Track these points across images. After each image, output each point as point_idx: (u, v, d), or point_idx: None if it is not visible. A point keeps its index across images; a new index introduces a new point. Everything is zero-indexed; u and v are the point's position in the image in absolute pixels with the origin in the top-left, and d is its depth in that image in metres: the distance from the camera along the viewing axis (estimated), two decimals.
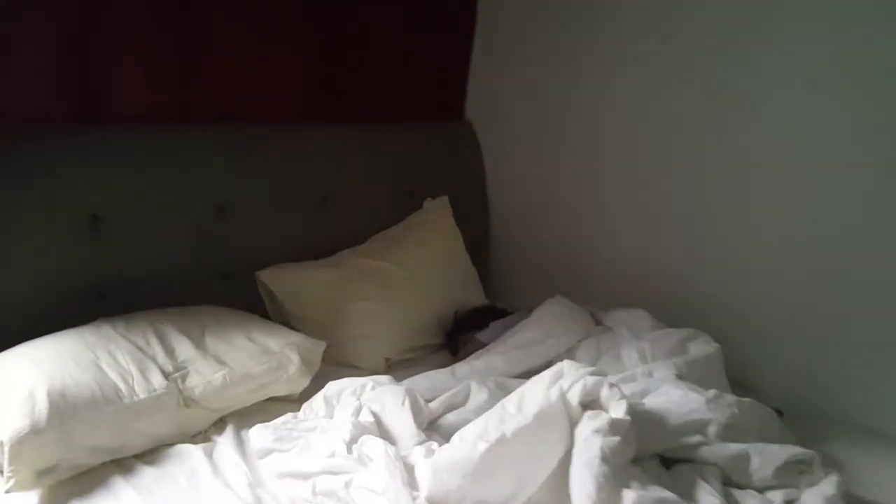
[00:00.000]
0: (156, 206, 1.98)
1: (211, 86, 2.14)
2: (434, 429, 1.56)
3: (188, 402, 1.58)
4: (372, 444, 1.38)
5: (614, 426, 1.30)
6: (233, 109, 2.22)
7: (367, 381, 1.59)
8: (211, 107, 2.17)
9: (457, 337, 2.17)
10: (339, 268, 2.19)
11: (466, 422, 1.58)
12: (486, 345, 2.03)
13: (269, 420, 1.65)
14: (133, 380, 1.53)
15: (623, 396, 1.37)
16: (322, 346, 1.82)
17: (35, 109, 1.84)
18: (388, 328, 2.08)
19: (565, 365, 1.43)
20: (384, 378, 1.63)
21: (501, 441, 1.27)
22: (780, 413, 1.64)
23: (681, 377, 1.62)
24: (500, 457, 1.26)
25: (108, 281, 1.89)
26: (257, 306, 2.18)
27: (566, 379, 1.39)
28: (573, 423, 1.35)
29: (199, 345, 1.71)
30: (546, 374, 1.43)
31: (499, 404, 1.43)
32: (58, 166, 1.81)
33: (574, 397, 1.36)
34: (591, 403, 1.38)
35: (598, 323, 2.06)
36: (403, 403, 1.49)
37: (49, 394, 1.41)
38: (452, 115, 2.87)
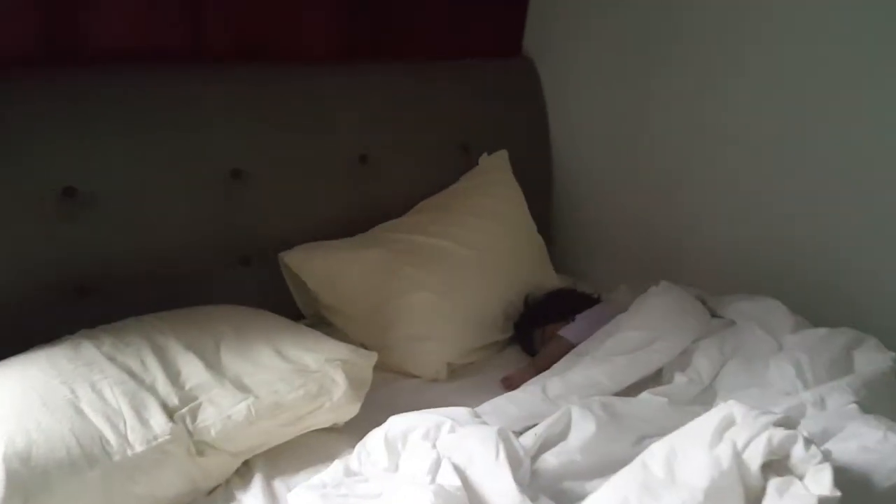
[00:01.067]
0: (150, 173, 1.55)
1: (223, 17, 1.67)
2: (533, 477, 1.15)
3: (201, 447, 1.18)
4: None
5: None
6: (250, 47, 1.76)
7: (442, 418, 1.17)
8: (223, 43, 1.71)
9: (531, 330, 1.75)
10: (384, 246, 1.76)
11: (573, 466, 1.19)
12: (573, 345, 1.61)
13: (307, 464, 1.26)
14: (126, 425, 1.13)
15: (825, 458, 0.94)
16: (373, 358, 1.40)
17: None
18: (450, 325, 1.66)
19: (735, 409, 1.00)
20: (462, 412, 1.21)
21: None
22: None
23: (860, 405, 1.19)
24: None
25: (90, 273, 1.48)
26: (287, 299, 1.77)
27: (741, 430, 0.97)
28: (753, 498, 0.93)
29: (214, 364, 1.29)
30: (708, 423, 1.01)
31: (637, 462, 1.01)
32: (19, 123, 1.38)
33: (754, 459, 0.94)
34: (774, 463, 0.96)
35: (713, 314, 1.63)
36: (498, 455, 1.07)
37: (6, 459, 1.01)
38: (508, 51, 2.38)
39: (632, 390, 1.45)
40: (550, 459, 1.20)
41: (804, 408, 1.19)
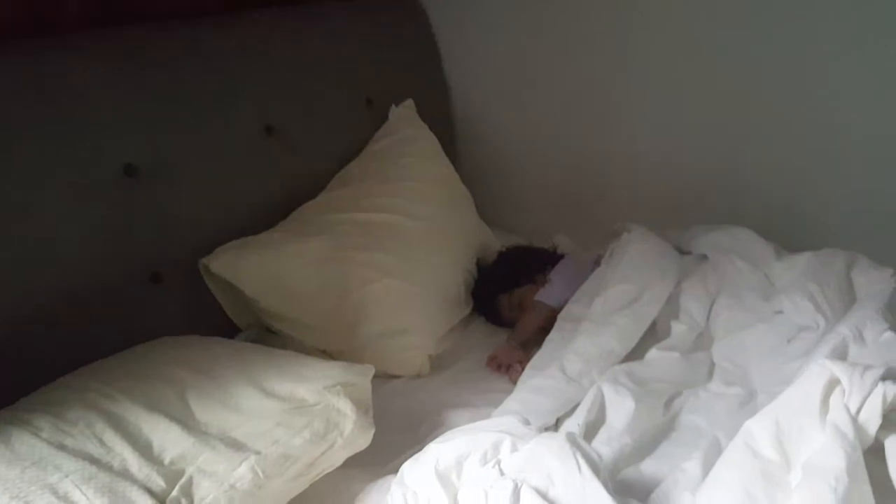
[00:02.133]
0: (16, 179, 1.18)
1: None
2: None
3: None
4: None
5: None
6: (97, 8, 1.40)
7: (496, 434, 1.00)
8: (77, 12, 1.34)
9: (493, 298, 1.61)
10: (323, 232, 1.51)
11: (625, 451, 1.10)
12: (554, 308, 1.49)
13: None
14: None
15: None
16: (370, 371, 1.19)
17: None
18: (422, 311, 1.48)
19: (835, 369, 0.93)
20: (511, 421, 1.05)
21: None
22: None
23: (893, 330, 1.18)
24: None
25: None
26: (214, 315, 1.48)
27: (851, 392, 0.90)
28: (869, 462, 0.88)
29: (188, 422, 1.03)
30: (810, 390, 0.93)
31: (739, 447, 0.92)
32: None
33: (872, 421, 0.89)
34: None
35: (683, 252, 1.58)
36: (580, 469, 0.93)
37: None
38: None
39: (635, 348, 1.37)
40: (603, 450, 1.09)
41: (846, 344, 1.16)
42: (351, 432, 1.09)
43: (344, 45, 1.85)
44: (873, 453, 0.88)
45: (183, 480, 0.96)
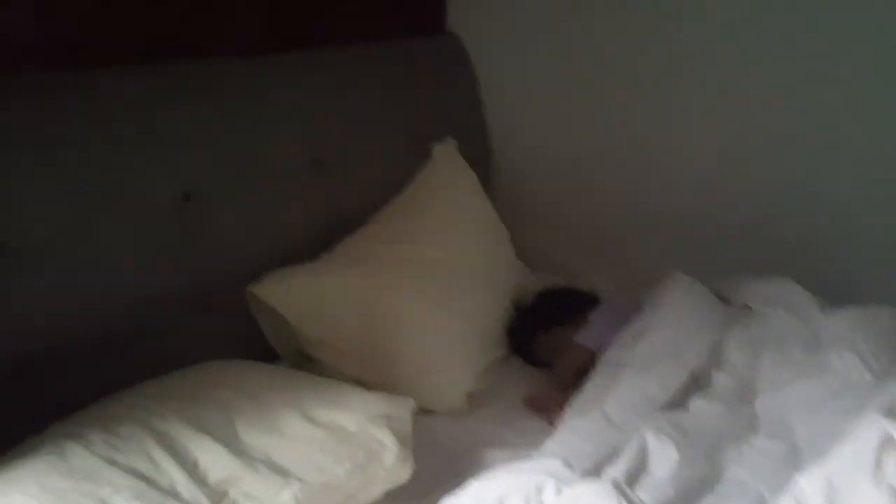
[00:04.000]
0: (78, 208, 1.22)
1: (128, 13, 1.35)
2: None
3: None
4: None
5: None
6: (163, 43, 1.44)
7: (539, 476, 1.00)
8: (131, 41, 1.39)
9: (530, 338, 1.61)
10: (366, 264, 1.53)
11: (669, 503, 1.08)
12: (593, 352, 1.49)
13: None
14: None
15: None
16: (410, 406, 1.20)
17: None
18: (460, 347, 1.48)
19: (889, 426, 0.92)
20: (554, 464, 1.05)
21: None
22: None
23: None
24: None
25: (22, 349, 1.14)
26: (255, 340, 1.50)
27: None
28: None
29: (234, 445, 1.04)
30: (864, 447, 0.92)
31: (789, 499, 0.91)
32: None
33: None
34: None
35: (726, 301, 1.57)
36: None
37: None
38: (431, 29, 2.19)
39: (677, 397, 1.36)
40: (645, 499, 1.08)
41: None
42: (392, 465, 1.09)
43: (389, 84, 1.90)
44: None
45: (226, 502, 0.96)
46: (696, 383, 1.39)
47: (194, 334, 1.39)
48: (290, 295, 1.45)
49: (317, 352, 1.47)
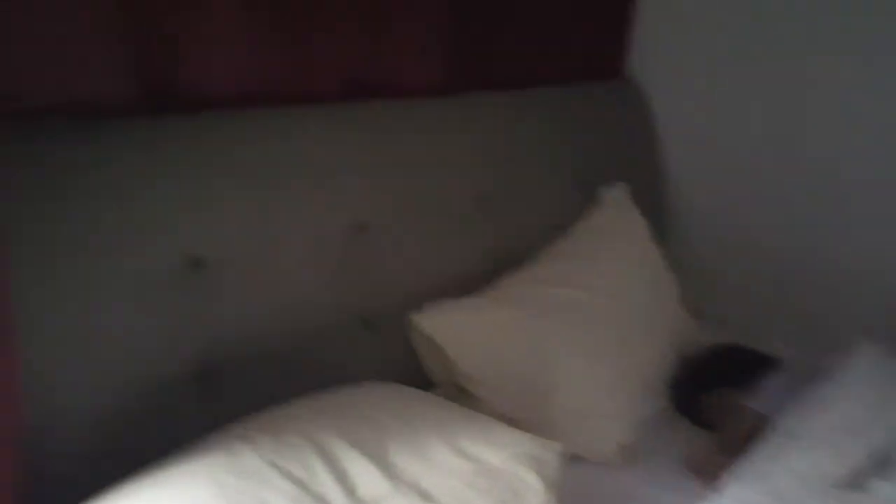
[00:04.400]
0: (270, 234, 1.33)
1: (324, 56, 1.46)
2: None
3: None
4: None
5: None
6: (352, 85, 1.55)
7: None
8: (326, 82, 1.50)
9: (696, 396, 1.53)
10: (526, 303, 1.54)
11: None
12: (765, 418, 1.38)
13: None
14: None
15: None
16: (559, 449, 1.18)
17: (90, 94, 1.15)
18: (617, 396, 1.44)
19: None
20: None
21: None
22: None
23: None
24: None
25: (212, 355, 1.25)
26: (413, 366, 1.55)
27: None
28: None
29: (385, 466, 1.07)
30: None
31: None
32: (136, 183, 1.16)
33: None
34: None
35: None
36: None
37: None
38: (609, 73, 2.19)
39: (852, 476, 1.22)
40: None
41: None
42: None
43: (561, 126, 1.93)
44: None
45: None
46: (877, 464, 1.25)
47: (356, 353, 1.46)
48: (450, 327, 1.48)
49: (471, 385, 1.49)
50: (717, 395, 1.50)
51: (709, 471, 1.32)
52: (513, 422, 1.37)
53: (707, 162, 2.11)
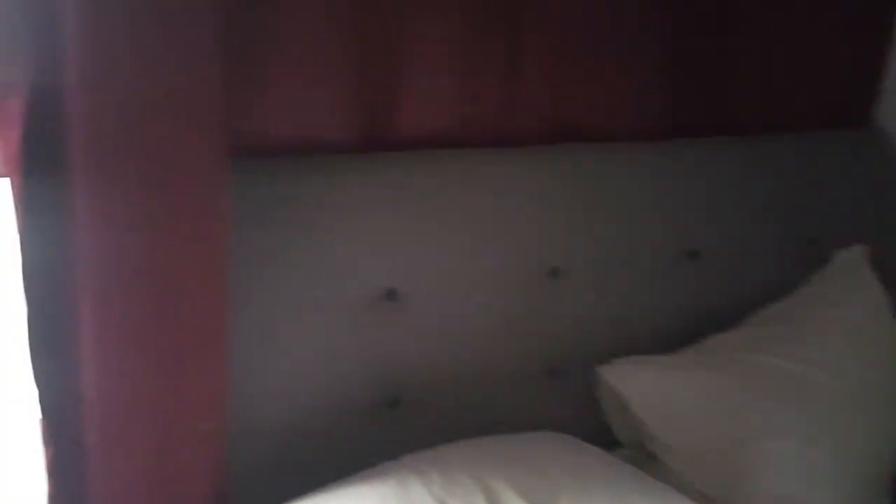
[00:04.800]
0: (465, 270, 1.35)
1: (532, 97, 1.46)
2: None
3: None
4: None
5: None
6: (561, 127, 1.53)
7: None
8: (533, 124, 1.49)
9: None
10: (727, 368, 1.41)
11: None
12: None
13: None
14: None
15: None
16: None
17: (311, 134, 1.26)
18: (828, 485, 1.27)
19: None
20: None
21: None
22: None
23: None
24: None
25: (398, 384, 1.29)
26: (596, 420, 1.49)
27: None
28: None
29: None
30: None
31: None
32: (348, 216, 1.24)
33: None
34: None
35: None
36: None
37: None
38: (851, 121, 1.96)
39: None
40: None
41: None
42: None
43: (791, 177, 1.75)
44: None
45: None
46: None
47: (538, 400, 1.43)
48: (641, 384, 1.40)
49: (659, 450, 1.39)
50: None
51: None
52: (703, 498, 1.27)
53: None
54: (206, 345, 0.96)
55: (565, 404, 1.47)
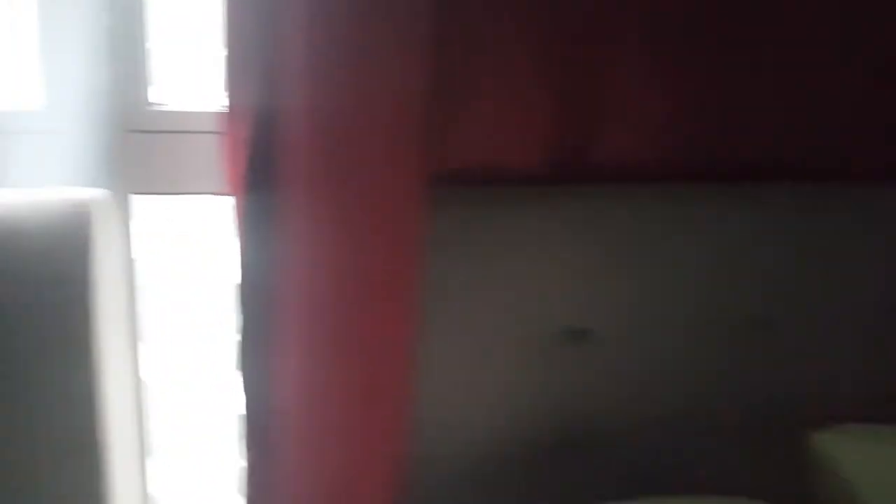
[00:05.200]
0: (653, 312, 1.28)
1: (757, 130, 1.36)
2: None
3: None
4: None
5: None
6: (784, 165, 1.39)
7: None
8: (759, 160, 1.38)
9: None
10: None
11: None
12: None
13: None
14: None
15: None
16: None
17: (504, 163, 1.26)
18: None
19: None
20: None
21: None
22: None
23: None
24: None
25: (578, 425, 1.25)
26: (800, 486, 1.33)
27: None
28: None
29: None
30: None
31: None
32: (537, 248, 1.23)
33: None
34: None
35: None
36: None
37: None
38: None
39: None
40: None
41: None
42: None
43: (873, 232, 1.45)
44: None
45: None
46: None
47: (734, 456, 1.33)
48: (860, 453, 1.24)
49: None
50: None
51: None
52: None
53: None
54: (397, 367, 0.99)
55: (767, 467, 1.33)
